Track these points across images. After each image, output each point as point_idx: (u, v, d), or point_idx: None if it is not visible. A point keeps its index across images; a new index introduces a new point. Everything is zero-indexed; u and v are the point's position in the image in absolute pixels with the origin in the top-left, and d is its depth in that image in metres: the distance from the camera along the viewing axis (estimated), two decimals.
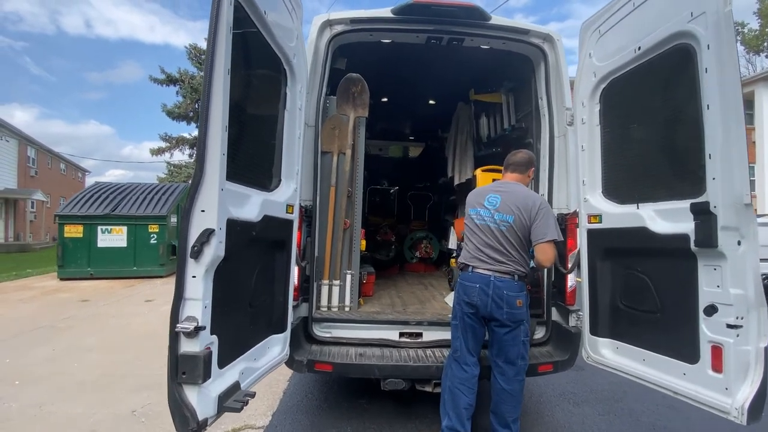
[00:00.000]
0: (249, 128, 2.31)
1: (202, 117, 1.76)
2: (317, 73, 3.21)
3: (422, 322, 3.19)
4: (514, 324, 2.58)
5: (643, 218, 2.51)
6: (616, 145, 2.83)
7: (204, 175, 1.77)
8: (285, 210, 2.67)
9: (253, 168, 2.36)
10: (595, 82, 2.92)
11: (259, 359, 2.43)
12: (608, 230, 2.79)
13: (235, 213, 1.97)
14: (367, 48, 3.60)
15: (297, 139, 2.83)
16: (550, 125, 3.33)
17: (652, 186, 2.55)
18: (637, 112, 2.68)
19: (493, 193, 2.74)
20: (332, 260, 3.36)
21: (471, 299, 2.65)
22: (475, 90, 4.47)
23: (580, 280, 3.00)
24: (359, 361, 2.91)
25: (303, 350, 3.03)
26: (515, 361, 2.61)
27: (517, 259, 2.62)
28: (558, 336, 3.24)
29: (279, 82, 2.70)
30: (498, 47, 3.43)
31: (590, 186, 2.95)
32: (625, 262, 2.71)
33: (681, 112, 2.35)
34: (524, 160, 2.89)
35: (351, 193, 3.44)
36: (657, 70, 2.52)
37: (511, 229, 2.60)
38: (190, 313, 1.75)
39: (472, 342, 2.72)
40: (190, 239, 1.75)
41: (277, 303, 2.66)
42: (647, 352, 2.52)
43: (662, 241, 2.39)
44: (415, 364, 2.90)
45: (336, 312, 3.32)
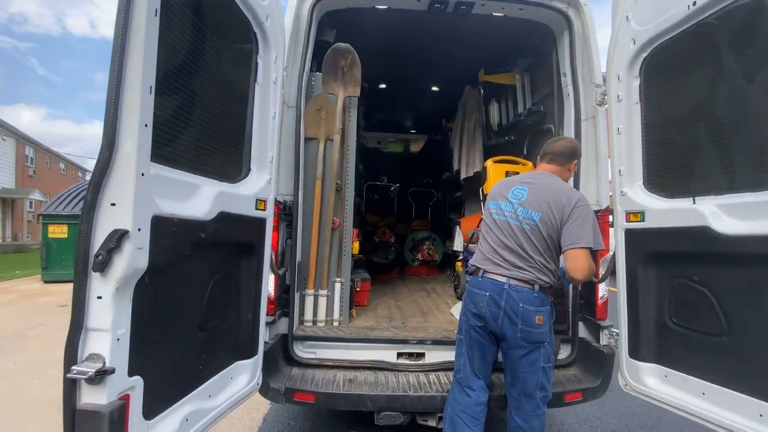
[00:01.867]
0: (200, 99, 1.80)
1: (113, 69, 1.24)
2: (299, 44, 2.70)
3: (424, 341, 2.66)
4: (530, 346, 2.06)
5: (704, 215, 1.98)
6: (662, 125, 2.30)
7: (115, 152, 1.25)
8: (254, 206, 2.16)
9: (206, 151, 1.84)
10: (635, 50, 2.38)
11: (217, 395, 1.91)
12: (653, 230, 2.26)
13: (167, 208, 1.46)
14: (360, 17, 3.08)
15: (271, 120, 2.32)
16: (575, 106, 2.80)
17: (715, 175, 2.02)
18: (693, 85, 2.13)
19: (520, 184, 2.20)
20: (318, 266, 2.85)
21: (479, 310, 2.12)
22: (486, 70, 3.94)
23: (615, 290, 2.47)
24: (348, 389, 2.39)
25: (281, 375, 2.51)
26: (533, 393, 2.08)
27: (541, 266, 2.09)
28: (586, 357, 2.71)
29: (247, 48, 2.19)
30: (514, 14, 2.90)
31: (628, 177, 2.42)
32: (676, 270, 2.17)
33: (754, 78, 1.82)
34: (566, 150, 2.29)
35: (341, 187, 2.92)
36: (722, 30, 1.99)
37: (536, 228, 2.07)
38: (94, 350, 1.24)
39: (479, 361, 2.20)
40: (92, 245, 1.23)
41: (244, 321, 2.14)
42: (708, 384, 1.99)
43: (731, 244, 1.86)
44: (416, 393, 2.38)
45: (323, 327, 2.81)
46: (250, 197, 2.12)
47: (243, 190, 2.09)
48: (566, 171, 2.32)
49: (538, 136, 3.47)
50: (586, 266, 2.01)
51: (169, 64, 1.56)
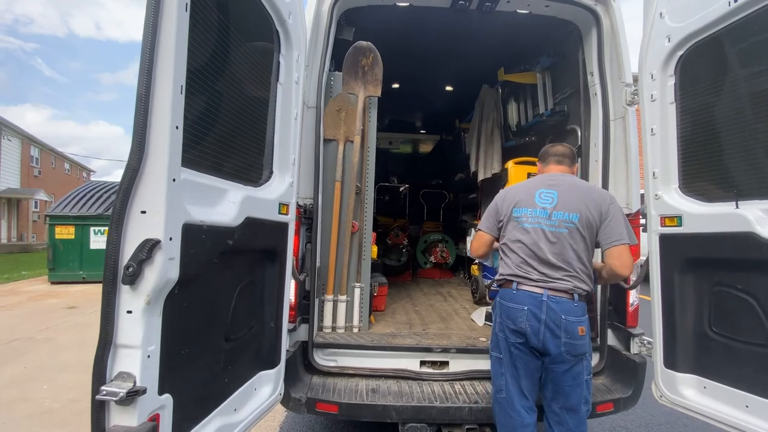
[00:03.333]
0: (226, 100, 1.72)
1: (143, 68, 1.17)
2: (318, 43, 2.62)
3: (449, 349, 2.58)
4: (575, 358, 1.96)
5: (749, 221, 1.89)
6: (699, 126, 2.20)
7: (146, 157, 1.18)
8: (278, 210, 2.08)
9: (232, 154, 1.77)
10: (670, 48, 2.29)
11: (242, 408, 1.84)
12: (691, 236, 2.17)
13: (198, 215, 1.38)
14: (380, 15, 3.00)
15: (293, 121, 2.24)
16: (603, 106, 2.71)
17: (760, 177, 1.93)
18: (734, 84, 2.04)
19: (545, 188, 2.10)
20: (338, 271, 2.77)
21: (518, 325, 2.00)
22: (506, 69, 3.85)
23: (648, 299, 2.38)
24: (372, 399, 2.31)
25: (302, 384, 2.44)
26: (578, 408, 1.98)
27: (579, 273, 1.99)
28: (615, 366, 2.63)
29: (269, 47, 2.11)
30: (539, 11, 2.82)
31: (663, 179, 2.33)
32: (716, 278, 2.08)
33: None
34: (570, 152, 2.27)
35: (360, 190, 2.84)
36: (763, 28, 1.90)
37: (576, 231, 1.98)
38: (125, 368, 1.17)
39: (527, 381, 2.05)
40: (122, 256, 1.16)
41: (268, 330, 2.07)
42: (753, 397, 1.90)
43: None
44: (443, 404, 2.30)
45: (343, 334, 2.73)
46: (274, 201, 2.04)
47: (266, 194, 2.01)
48: (574, 171, 2.28)
49: (561, 137, 3.38)
50: (631, 262, 2.00)
51: (197, 63, 1.49)
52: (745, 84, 2.00)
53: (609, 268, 2.02)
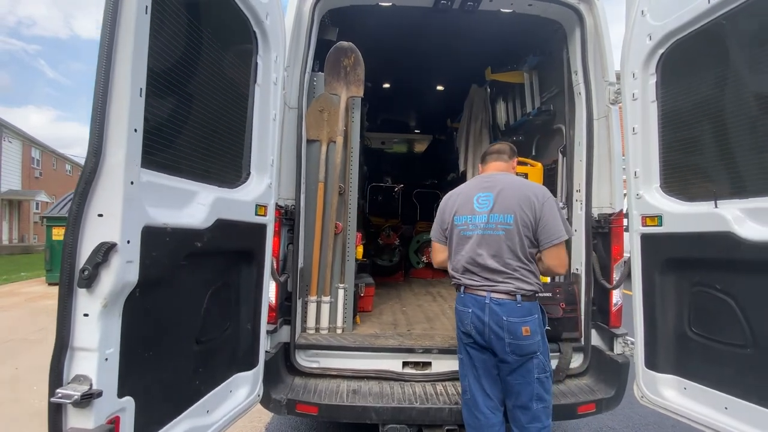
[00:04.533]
0: (197, 102, 1.72)
1: (99, 71, 1.16)
2: (300, 43, 2.61)
3: (431, 350, 2.57)
4: (522, 358, 1.97)
5: (727, 220, 1.87)
6: (680, 125, 2.19)
7: (102, 160, 1.17)
8: (255, 211, 2.07)
9: (203, 155, 1.76)
10: (651, 46, 2.28)
11: (216, 410, 1.83)
12: (671, 235, 2.15)
13: (160, 217, 1.37)
14: (364, 15, 3.00)
15: (272, 122, 2.23)
16: (587, 105, 2.70)
17: (739, 177, 1.91)
18: (714, 82, 2.03)
19: (481, 191, 2.12)
20: (321, 272, 2.76)
21: (465, 328, 2.07)
22: (493, 68, 3.83)
23: (629, 293, 2.37)
24: (352, 400, 2.31)
25: (283, 386, 2.44)
26: (528, 405, 1.99)
27: (521, 272, 2.00)
28: (600, 366, 2.61)
29: (246, 48, 2.11)
30: (522, 10, 2.80)
31: (644, 179, 2.31)
32: (696, 277, 2.07)
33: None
34: (507, 147, 2.32)
35: (344, 191, 2.83)
36: (743, 23, 1.88)
37: (513, 232, 1.99)
38: (81, 371, 1.17)
39: (487, 380, 2.08)
40: (78, 259, 1.15)
41: (244, 332, 2.06)
42: (732, 399, 1.88)
43: (757, 251, 1.75)
44: (423, 405, 2.29)
45: (326, 335, 2.72)
46: (250, 203, 2.04)
47: (242, 196, 2.01)
48: (511, 168, 2.29)
49: (548, 136, 3.37)
50: (566, 259, 2.09)
51: (163, 65, 1.48)
52: (723, 83, 1.98)
53: (546, 267, 2.05)
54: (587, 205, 2.65)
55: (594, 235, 2.63)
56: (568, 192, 2.88)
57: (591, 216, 2.64)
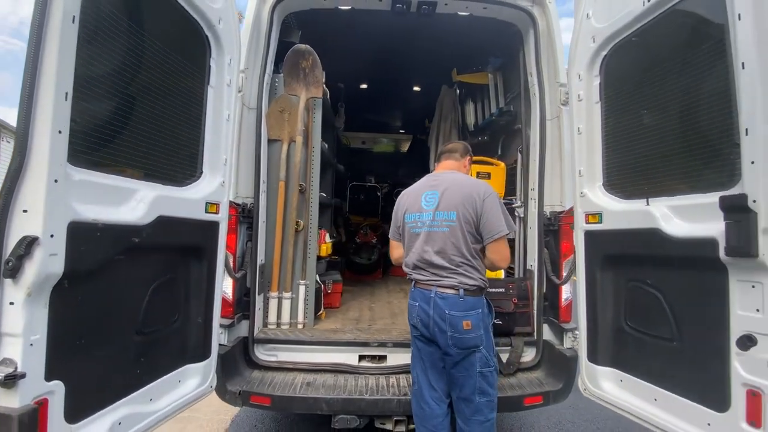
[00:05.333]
0: (139, 103, 1.80)
1: (25, 77, 1.25)
2: (260, 45, 2.69)
3: (386, 343, 2.65)
4: (464, 351, 2.04)
5: (655, 217, 1.94)
6: (620, 125, 2.26)
7: (27, 160, 1.25)
8: (205, 209, 2.15)
9: (146, 155, 1.84)
10: (595, 48, 2.35)
11: (160, 399, 1.91)
12: (610, 232, 2.23)
13: (90, 213, 1.45)
14: (326, 18, 3.08)
15: (225, 122, 2.31)
16: (541, 106, 2.77)
17: (668, 176, 1.98)
18: (648, 84, 2.10)
19: (428, 189, 2.20)
20: (282, 269, 2.84)
21: (413, 321, 2.16)
22: (458, 70, 3.91)
23: (576, 279, 2.44)
24: (303, 392, 2.38)
25: (240, 378, 2.51)
26: (471, 398, 2.06)
27: (464, 269, 2.07)
28: (551, 360, 2.68)
29: (198, 51, 2.19)
30: (479, 13, 2.87)
31: (588, 178, 2.38)
32: (631, 273, 2.14)
33: (706, 77, 1.79)
34: (459, 146, 2.40)
35: (305, 189, 2.91)
36: (673, 27, 1.95)
37: (456, 228, 2.07)
38: (8, 355, 1.25)
39: (433, 372, 2.17)
40: (5, 251, 1.24)
41: (194, 325, 2.14)
42: (660, 390, 1.95)
43: (680, 247, 1.82)
44: (373, 396, 2.37)
45: (285, 330, 2.80)
46: (199, 200, 2.11)
47: (191, 194, 2.09)
48: (463, 167, 2.35)
49: (511, 136, 3.44)
50: (507, 254, 2.14)
51: (99, 69, 1.56)
52: (655, 85, 2.05)
53: (489, 261, 2.13)
54: (540, 203, 2.72)
55: (546, 232, 2.70)
56: (525, 191, 2.95)
57: (543, 214, 2.71)
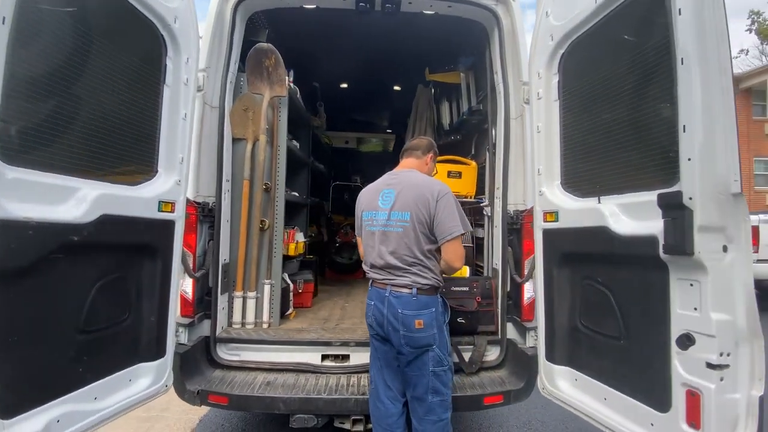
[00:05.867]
0: (85, 103, 1.79)
1: None
2: (222, 44, 2.68)
3: (348, 343, 2.64)
4: (416, 350, 2.03)
5: (604, 215, 1.94)
6: (576, 123, 2.25)
7: None
8: (158, 208, 2.15)
9: (92, 154, 1.83)
10: (553, 46, 2.35)
11: (106, 397, 1.90)
12: (565, 230, 2.22)
13: (22, 212, 1.45)
14: (299, 17, 3.07)
15: (182, 121, 2.31)
16: (505, 104, 2.75)
17: (617, 173, 1.97)
18: (600, 82, 2.09)
19: (386, 187, 2.19)
20: (247, 268, 2.83)
21: (369, 320, 2.17)
22: (431, 69, 3.90)
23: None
24: (261, 392, 2.37)
25: (200, 377, 2.50)
26: (424, 398, 2.05)
27: (417, 269, 2.06)
28: (514, 359, 2.67)
29: (153, 50, 2.18)
30: (444, 12, 2.86)
31: (547, 176, 2.38)
32: (584, 271, 2.13)
33: (651, 74, 1.78)
34: (422, 143, 2.35)
35: (270, 188, 2.90)
36: (622, 25, 1.95)
37: (410, 229, 2.05)
38: None
39: (388, 371, 2.17)
40: None
41: (147, 324, 2.14)
42: (609, 390, 1.94)
43: (625, 244, 1.82)
44: (330, 395, 2.36)
45: (249, 329, 2.79)
46: (151, 199, 2.11)
47: (143, 193, 2.08)
48: (424, 164, 2.32)
49: (482, 135, 3.43)
50: (462, 253, 2.11)
51: (37, 69, 1.56)
52: (603, 81, 2.04)
53: (444, 263, 2.10)
54: (504, 202, 2.71)
55: (510, 231, 2.69)
56: (491, 190, 2.94)
57: (507, 212, 2.70)
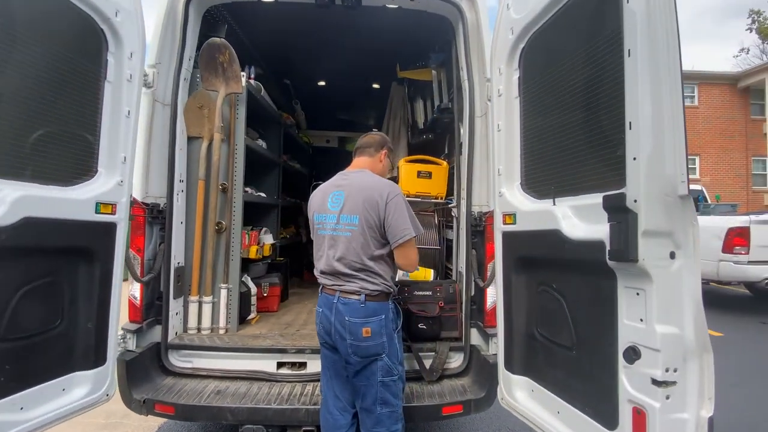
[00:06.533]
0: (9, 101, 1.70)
1: None
2: (175, 39, 2.58)
3: (304, 350, 2.54)
4: (364, 360, 1.94)
5: (557, 218, 1.83)
6: (535, 121, 2.15)
7: None
8: (95, 210, 2.05)
9: (15, 154, 1.74)
10: (513, 41, 2.24)
11: (35, 408, 1.81)
12: (522, 233, 2.12)
13: None
14: (255, 11, 2.98)
15: (125, 118, 2.21)
16: (470, 102, 2.65)
17: (572, 174, 1.87)
18: (556, 77, 1.98)
19: (335, 189, 2.08)
20: (202, 272, 2.74)
21: (317, 327, 2.07)
22: (401, 66, 3.79)
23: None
24: (209, 401, 2.28)
25: (150, 386, 2.41)
26: (372, 409, 1.96)
27: (366, 274, 1.97)
28: (477, 366, 2.57)
29: (92, 45, 2.09)
30: (408, 5, 2.76)
31: (507, 177, 2.27)
32: (540, 276, 2.03)
33: (603, 69, 1.67)
34: (373, 140, 2.24)
35: (227, 188, 2.80)
36: (577, 15, 1.84)
37: (358, 233, 1.96)
38: None
39: (337, 381, 2.08)
40: None
41: (82, 331, 2.04)
42: (563, 403, 1.84)
43: (576, 249, 1.72)
44: (280, 405, 2.26)
45: (202, 335, 2.70)
46: (87, 200, 2.01)
47: (78, 194, 1.99)
48: (378, 162, 2.21)
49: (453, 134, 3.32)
50: (415, 257, 2.04)
51: None
52: (559, 76, 1.94)
53: (398, 266, 2.02)
54: (468, 203, 2.61)
55: (474, 233, 2.59)
56: (458, 190, 2.84)
57: (471, 214, 2.60)
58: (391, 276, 2.07)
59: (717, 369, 1.37)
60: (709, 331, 1.40)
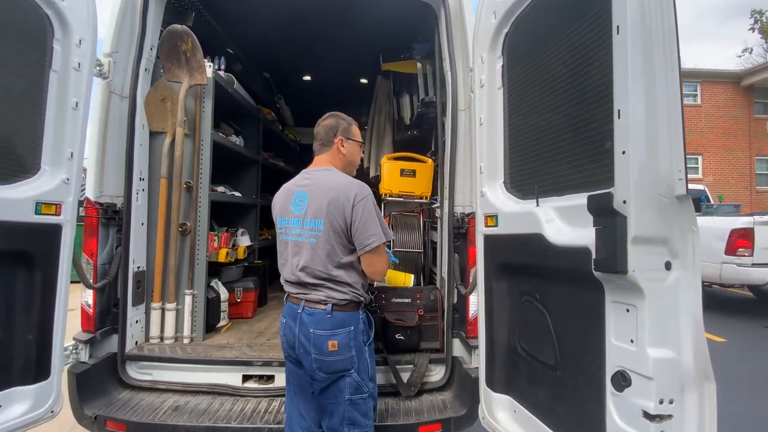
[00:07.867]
0: None
1: None
2: (134, 27, 2.40)
3: (271, 363, 2.34)
4: (331, 376, 1.75)
5: (540, 220, 1.64)
6: (519, 114, 1.95)
7: None
8: (35, 210, 1.87)
9: None
10: (496, 25, 2.04)
11: None
12: (503, 237, 1.92)
13: None
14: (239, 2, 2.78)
15: (72, 110, 2.03)
16: (453, 94, 2.46)
17: (557, 172, 1.67)
18: (540, 64, 1.78)
19: (299, 189, 1.87)
20: (165, 277, 2.55)
21: (281, 339, 1.87)
22: (385, 57, 3.59)
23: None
24: (164, 418, 2.09)
25: (104, 400, 2.22)
26: (339, 429, 1.77)
27: (333, 283, 1.77)
28: (460, 380, 2.37)
29: (35, 32, 1.91)
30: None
31: (489, 175, 2.08)
32: (522, 285, 1.83)
33: (590, 51, 1.48)
34: (326, 128, 1.95)
35: (192, 187, 2.61)
36: None
37: (324, 239, 1.76)
38: None
39: (303, 399, 1.88)
40: None
41: (21, 343, 1.86)
42: (546, 429, 1.64)
43: (560, 256, 1.52)
44: (240, 424, 2.07)
45: (163, 345, 2.51)
46: (25, 200, 1.83)
47: (12, 193, 1.80)
48: (337, 154, 1.94)
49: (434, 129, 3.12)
50: (384, 265, 1.87)
51: None
52: (544, 63, 1.74)
53: (366, 274, 1.83)
54: (450, 204, 2.42)
55: (456, 236, 2.40)
56: (441, 189, 2.65)
57: (454, 215, 2.41)
58: (362, 284, 1.87)
59: (720, 377, 1.18)
60: (711, 336, 1.21)
